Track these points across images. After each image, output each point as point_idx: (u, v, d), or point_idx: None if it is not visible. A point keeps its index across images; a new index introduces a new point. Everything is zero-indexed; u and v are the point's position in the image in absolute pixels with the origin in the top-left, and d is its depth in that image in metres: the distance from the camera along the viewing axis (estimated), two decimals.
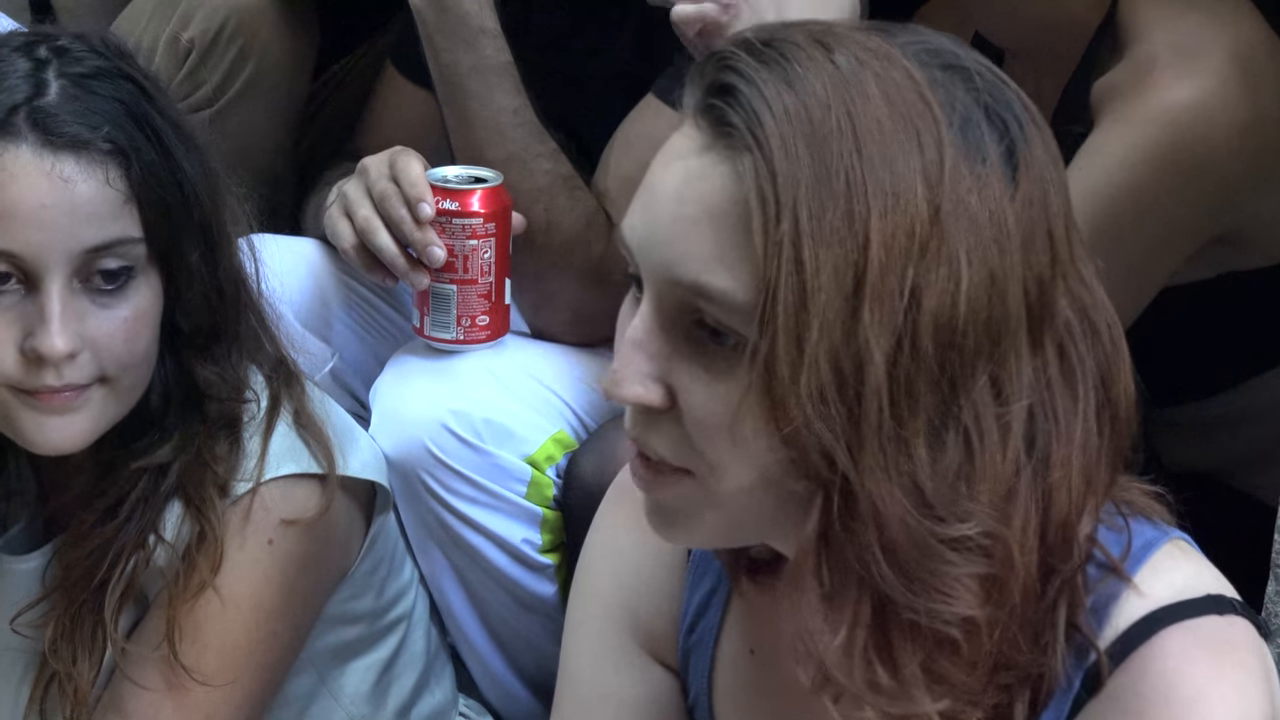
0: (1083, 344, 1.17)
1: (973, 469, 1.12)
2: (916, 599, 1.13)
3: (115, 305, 1.59)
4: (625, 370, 1.17)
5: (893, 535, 1.12)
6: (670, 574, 1.41)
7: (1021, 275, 1.13)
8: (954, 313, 1.10)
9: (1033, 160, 1.15)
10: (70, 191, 1.55)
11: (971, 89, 1.15)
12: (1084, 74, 1.88)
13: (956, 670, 1.15)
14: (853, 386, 1.10)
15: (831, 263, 1.09)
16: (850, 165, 1.10)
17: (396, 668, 1.90)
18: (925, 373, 1.11)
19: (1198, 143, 1.79)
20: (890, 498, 1.11)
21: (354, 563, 1.79)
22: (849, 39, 1.15)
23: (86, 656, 1.66)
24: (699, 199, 1.14)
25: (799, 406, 1.10)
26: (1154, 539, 1.23)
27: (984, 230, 1.11)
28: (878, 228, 1.09)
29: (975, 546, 1.13)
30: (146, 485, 1.66)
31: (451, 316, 1.95)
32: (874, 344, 1.09)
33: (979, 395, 1.12)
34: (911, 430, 1.11)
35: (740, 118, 1.12)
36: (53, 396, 1.57)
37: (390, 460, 1.89)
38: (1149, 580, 1.21)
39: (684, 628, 1.40)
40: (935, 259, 1.10)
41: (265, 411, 1.70)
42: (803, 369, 1.10)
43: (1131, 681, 1.18)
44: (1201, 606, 1.20)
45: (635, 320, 1.17)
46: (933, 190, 1.10)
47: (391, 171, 1.95)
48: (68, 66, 1.59)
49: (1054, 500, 1.15)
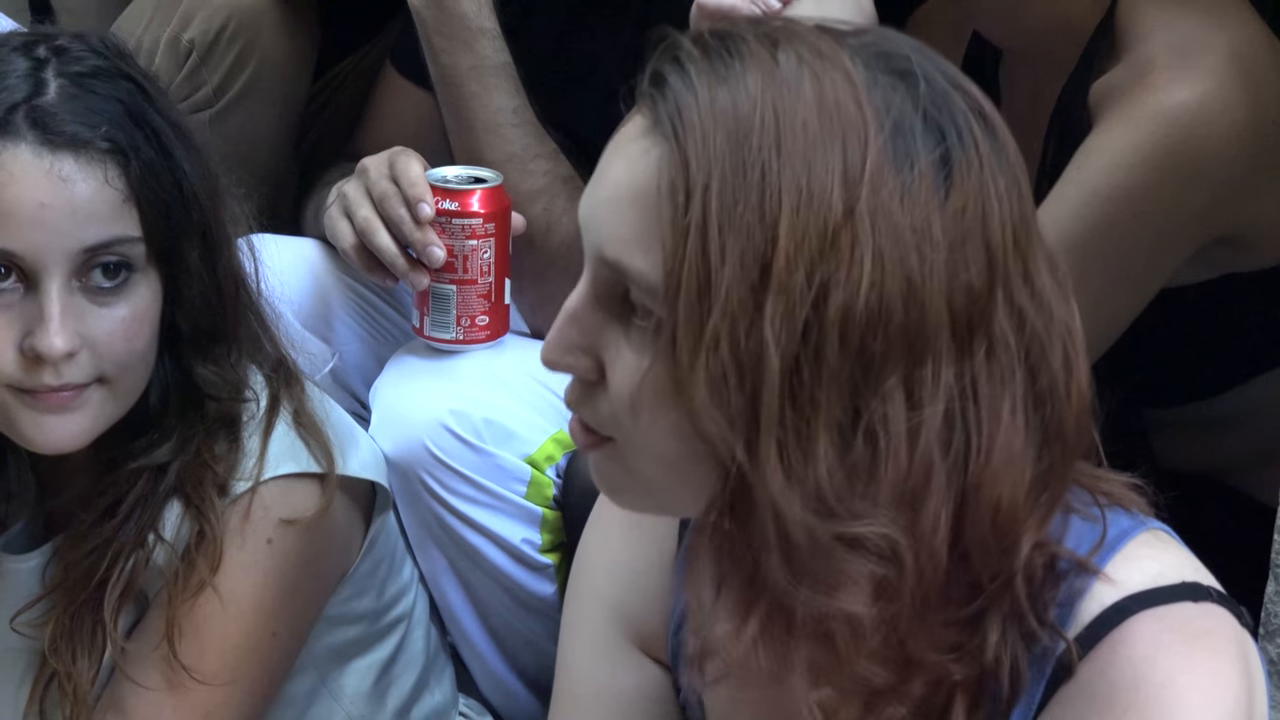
0: (1018, 357, 1.15)
1: (876, 469, 1.12)
2: (803, 590, 1.13)
3: (114, 305, 1.59)
4: (557, 338, 1.21)
5: (785, 527, 1.12)
6: (660, 573, 1.42)
7: (946, 284, 1.12)
8: (863, 314, 1.11)
9: (971, 170, 1.14)
10: (69, 190, 1.55)
11: (914, 95, 1.14)
12: (1082, 75, 1.88)
13: (838, 664, 1.15)
14: (751, 377, 1.11)
15: (738, 252, 1.10)
16: (767, 160, 1.11)
17: (396, 668, 1.90)
18: (830, 370, 1.11)
19: (1196, 144, 1.78)
20: (785, 490, 1.11)
21: (354, 563, 1.79)
22: (800, 38, 1.16)
23: (86, 656, 1.66)
24: (628, 183, 1.16)
25: (697, 389, 1.11)
26: (1130, 528, 1.23)
27: (904, 236, 1.11)
28: (788, 223, 1.10)
29: (870, 546, 1.13)
30: (146, 485, 1.66)
31: (451, 316, 1.95)
32: (774, 338, 1.10)
33: (889, 397, 1.12)
34: (813, 425, 1.11)
35: (665, 108, 1.14)
36: (51, 396, 1.58)
37: (390, 460, 1.90)
38: (1121, 569, 1.21)
39: (674, 625, 1.40)
40: (845, 259, 1.10)
41: (265, 411, 1.70)
42: (701, 354, 1.11)
43: (1101, 668, 1.18)
44: (1176, 593, 1.19)
45: (573, 292, 1.20)
46: (849, 192, 1.11)
47: (391, 172, 1.95)
48: (67, 66, 1.60)
49: (970, 508, 1.15)
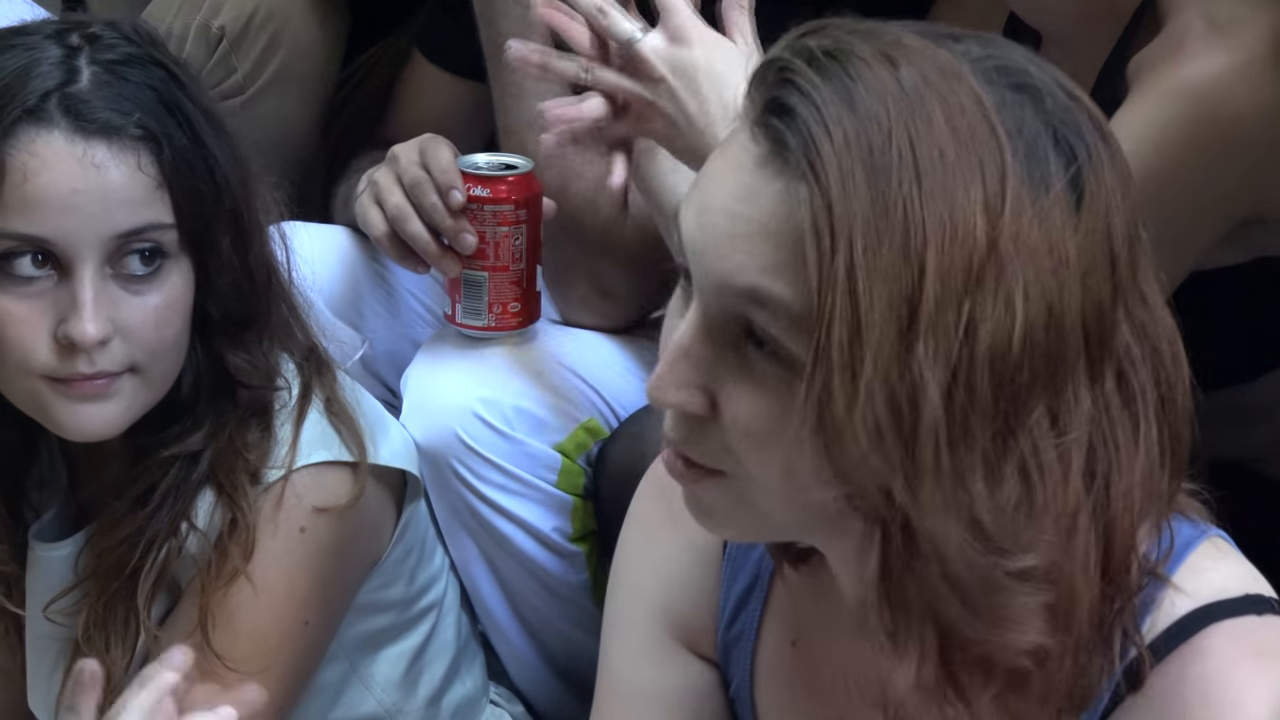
0: (1143, 369, 1.14)
1: (1032, 502, 1.10)
2: (985, 631, 1.11)
3: (147, 292, 1.59)
4: (669, 375, 1.15)
5: (955, 570, 1.10)
6: (706, 569, 1.40)
7: (1080, 306, 1.10)
8: (1010, 347, 1.08)
9: (1099, 187, 1.12)
10: (102, 177, 1.56)
11: (1041, 111, 1.12)
12: (1121, 53, 1.86)
13: (1028, 701, 1.14)
14: (909, 422, 1.08)
15: (886, 296, 1.07)
16: (909, 197, 1.07)
17: (427, 655, 1.90)
18: (981, 407, 1.09)
19: (1224, 118, 1.77)
20: (950, 532, 1.09)
21: (385, 551, 1.80)
22: (917, 54, 1.12)
23: (119, 644, 1.66)
24: (753, 216, 1.11)
25: (855, 442, 1.08)
26: (1192, 538, 1.22)
27: (1043, 262, 1.09)
28: (934, 261, 1.07)
29: (1039, 576, 1.11)
30: (178, 473, 1.66)
31: (483, 303, 1.95)
32: (929, 378, 1.07)
33: (1036, 428, 1.10)
34: (968, 464, 1.09)
35: (797, 142, 1.10)
36: (85, 384, 1.58)
37: (421, 448, 1.89)
38: (1188, 580, 1.20)
39: (723, 622, 1.40)
40: (992, 293, 1.08)
41: (296, 399, 1.70)
42: (858, 404, 1.07)
43: (1171, 683, 1.17)
44: (1241, 606, 1.19)
45: (683, 325, 1.16)
46: (992, 223, 1.08)
47: (422, 159, 1.95)
48: (99, 53, 1.60)
49: (1115, 528, 1.14)
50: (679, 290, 1.19)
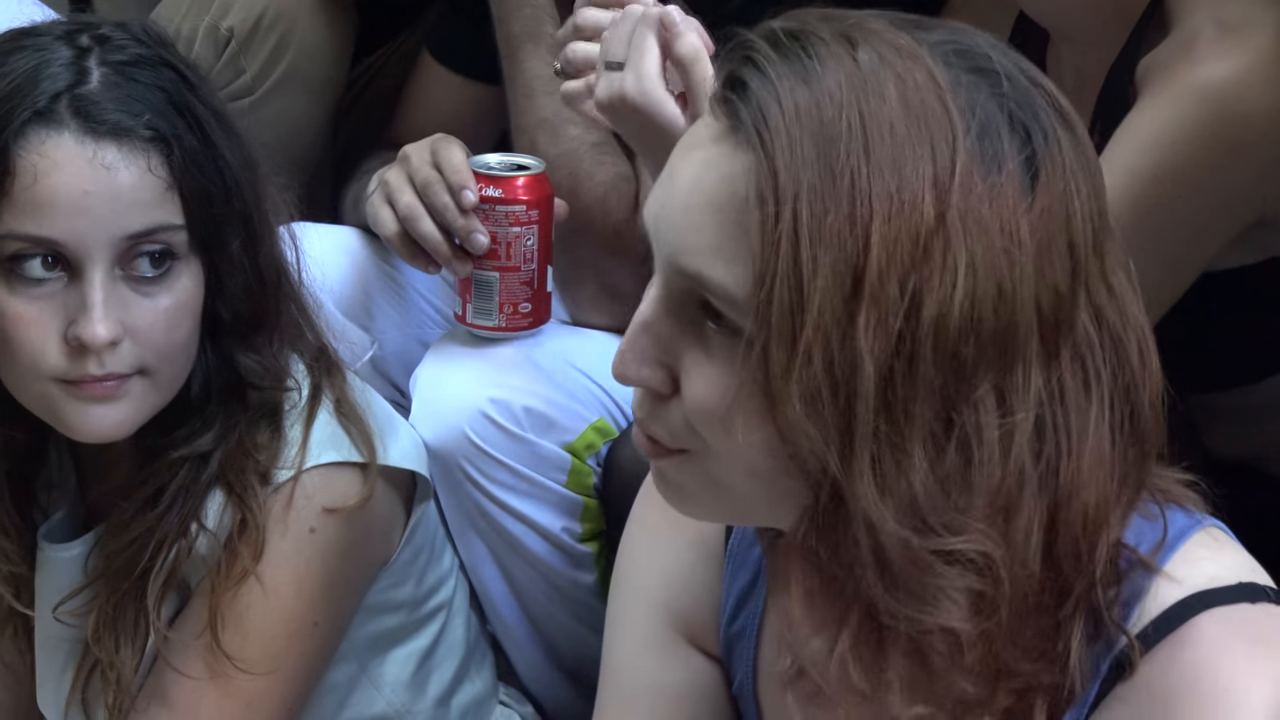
0: (1101, 357, 1.15)
1: (970, 479, 1.11)
2: (900, 606, 1.12)
3: (157, 294, 1.59)
4: (632, 352, 1.18)
5: (882, 542, 1.10)
6: (709, 565, 1.41)
7: (1034, 287, 1.11)
8: (956, 321, 1.09)
9: (1055, 170, 1.13)
10: (112, 178, 1.55)
11: (997, 94, 1.13)
12: (1130, 54, 1.86)
13: (934, 679, 1.14)
14: (845, 389, 1.09)
15: (830, 263, 1.08)
16: (856, 167, 1.09)
17: (437, 656, 1.90)
18: (923, 380, 1.09)
19: (1236, 120, 1.77)
20: (880, 504, 1.10)
21: (394, 551, 1.79)
22: (876, 35, 1.13)
23: (129, 644, 1.66)
24: (705, 190, 1.13)
25: (790, 405, 1.09)
26: (1187, 527, 1.22)
27: (994, 240, 1.10)
28: (879, 231, 1.08)
29: (966, 561, 1.11)
30: (188, 474, 1.66)
31: (494, 304, 1.95)
32: (868, 348, 1.08)
33: (981, 404, 1.11)
34: (907, 436, 1.10)
35: (748, 114, 1.12)
36: (95, 385, 1.58)
37: (430, 448, 1.89)
38: (1180, 568, 1.20)
39: (725, 618, 1.40)
40: (938, 266, 1.09)
41: (306, 400, 1.70)
42: (795, 367, 1.09)
43: (1161, 670, 1.17)
44: (1234, 594, 1.19)
45: (644, 303, 1.18)
46: (940, 197, 1.09)
47: (434, 159, 1.95)
48: (109, 54, 1.60)
49: (1062, 515, 1.14)
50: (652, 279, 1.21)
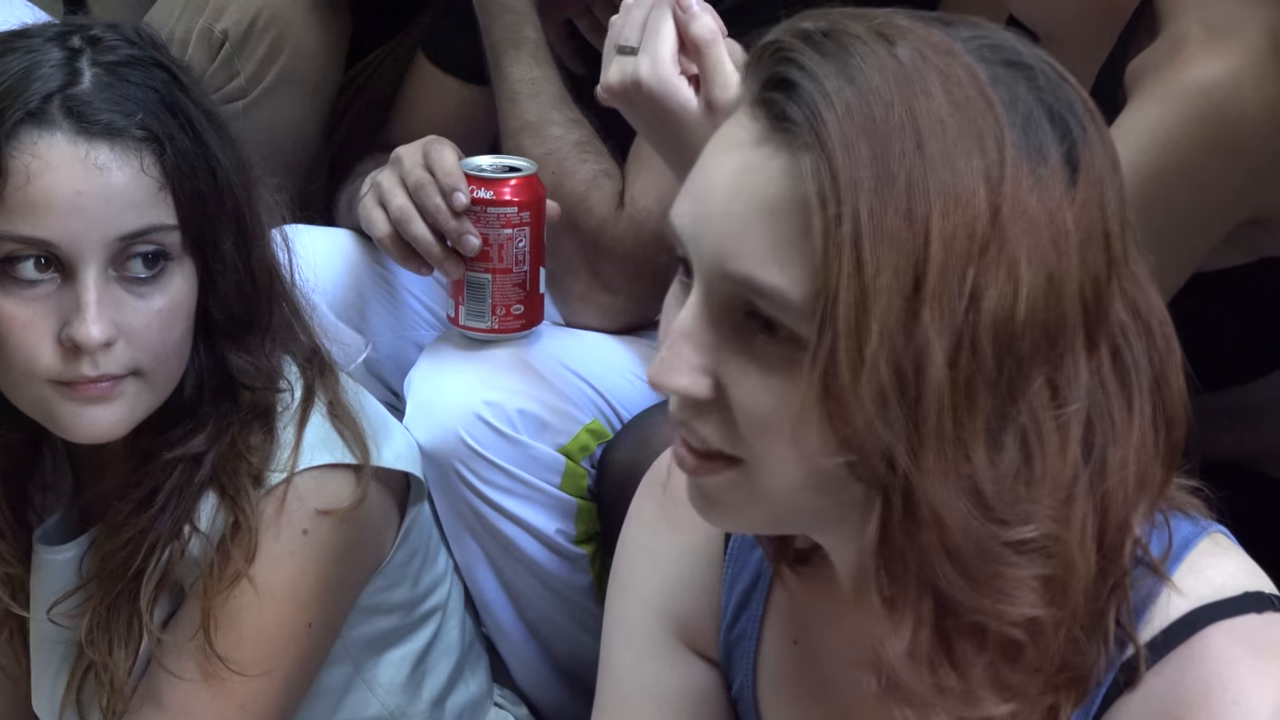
0: (1137, 345, 1.15)
1: (1031, 472, 1.11)
2: (981, 600, 1.11)
3: (150, 295, 1.59)
4: (673, 360, 1.15)
5: (954, 538, 1.10)
6: (708, 569, 1.40)
7: (1079, 277, 1.11)
8: (1013, 314, 1.09)
9: (1092, 161, 1.13)
10: (105, 179, 1.55)
11: (1034, 87, 1.13)
12: (1119, 56, 1.87)
13: (1021, 672, 1.14)
14: (913, 388, 1.09)
15: (891, 264, 1.08)
16: (911, 164, 1.08)
17: (431, 658, 1.90)
18: (984, 374, 1.09)
19: (1228, 120, 1.77)
20: (951, 500, 1.10)
21: (388, 553, 1.79)
22: (910, 32, 1.13)
23: (123, 646, 1.66)
24: (754, 194, 1.12)
25: (860, 409, 1.09)
26: (1192, 535, 1.22)
27: (1042, 231, 1.10)
28: (938, 228, 1.08)
29: (1036, 548, 1.12)
30: (181, 475, 1.65)
31: (486, 306, 1.95)
32: (934, 345, 1.08)
33: (1036, 398, 1.11)
34: (970, 432, 1.10)
35: (801, 113, 1.10)
36: (90, 387, 1.57)
37: (425, 450, 1.89)
38: (1187, 578, 1.20)
39: (725, 622, 1.40)
40: (995, 260, 1.09)
41: (299, 402, 1.70)
42: (863, 371, 1.08)
43: (1170, 682, 1.17)
44: (1240, 604, 1.19)
45: (684, 311, 1.16)
46: (993, 190, 1.09)
47: (426, 160, 1.95)
48: (101, 55, 1.59)
49: (1110, 502, 1.14)
50: (677, 283, 1.19)
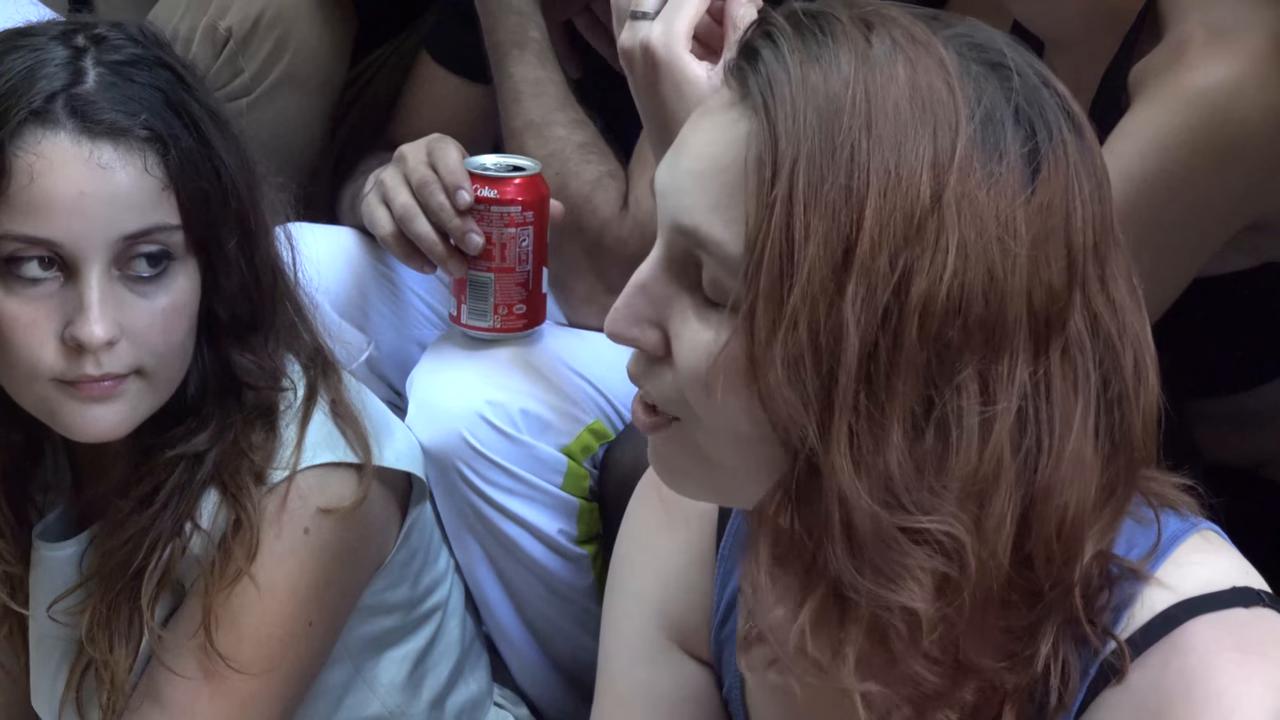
0: (1092, 361, 1.15)
1: (946, 461, 1.11)
2: (864, 581, 1.12)
3: (154, 295, 1.59)
4: (625, 310, 1.19)
5: (853, 515, 1.11)
6: (700, 569, 1.41)
7: (1026, 280, 1.11)
8: (944, 303, 1.10)
9: (1058, 168, 1.13)
10: (109, 178, 1.55)
11: (1006, 88, 1.13)
12: (1123, 61, 1.87)
13: (892, 659, 1.14)
14: (828, 359, 1.10)
15: (823, 232, 1.09)
16: (856, 140, 1.10)
17: (432, 658, 1.90)
18: (907, 357, 1.10)
19: (1230, 124, 1.77)
20: (854, 477, 1.10)
21: (390, 553, 1.79)
22: (893, 22, 1.15)
23: (123, 644, 1.66)
24: (711, 153, 1.15)
25: (773, 368, 1.10)
26: (1180, 531, 1.22)
27: (988, 227, 1.10)
28: (874, 205, 1.09)
29: (934, 542, 1.12)
30: (183, 473, 1.66)
31: (489, 305, 1.95)
32: (854, 320, 1.09)
33: (963, 388, 1.11)
34: (887, 413, 1.10)
35: (756, 81, 1.13)
36: (93, 386, 1.57)
37: (426, 450, 1.89)
38: (1172, 573, 1.20)
39: (716, 621, 1.40)
40: (930, 246, 1.09)
41: (302, 400, 1.70)
42: (780, 331, 1.10)
43: (1152, 676, 1.17)
44: (1226, 599, 1.18)
45: (644, 263, 1.19)
46: (938, 178, 1.10)
47: (430, 159, 1.95)
48: (105, 54, 1.59)
49: (1037, 511, 1.14)
50: None
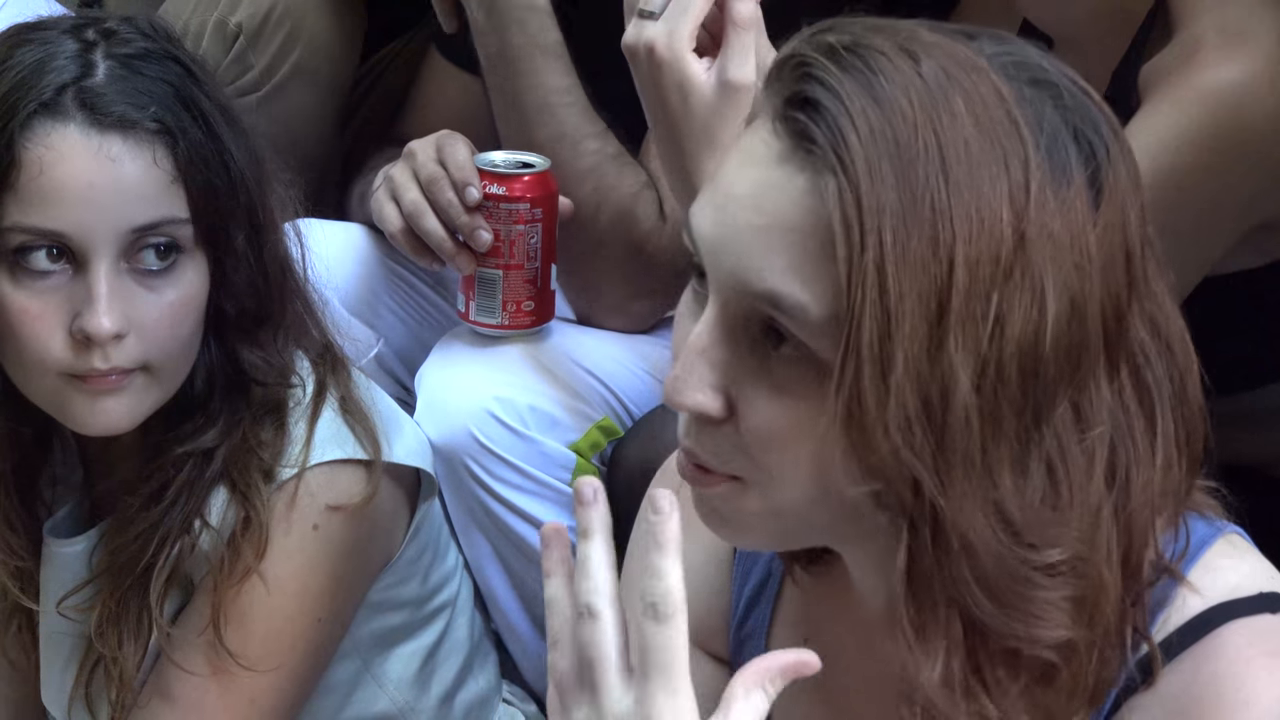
0: (1158, 363, 1.15)
1: (1058, 496, 1.10)
2: (1013, 625, 1.11)
3: (162, 289, 1.59)
4: (688, 377, 1.14)
5: (983, 564, 1.10)
6: (718, 569, 1.40)
7: (1100, 299, 1.11)
8: (1038, 339, 1.08)
9: (1116, 182, 1.12)
10: (117, 170, 1.55)
11: (1060, 107, 1.12)
12: (1133, 60, 1.86)
13: (1056, 694, 1.14)
14: (940, 416, 1.08)
15: (916, 289, 1.06)
16: (936, 189, 1.07)
17: (440, 654, 1.90)
18: (1009, 400, 1.08)
19: (1242, 124, 1.77)
20: (979, 527, 1.09)
21: (398, 549, 1.79)
22: (936, 48, 1.11)
23: (132, 640, 1.66)
24: (777, 211, 1.11)
25: (886, 438, 1.08)
26: (1207, 536, 1.22)
27: (1066, 255, 1.09)
28: (962, 253, 1.07)
29: (1066, 571, 1.11)
30: (192, 470, 1.65)
31: (497, 302, 1.95)
32: (960, 371, 1.07)
33: (1061, 422, 1.10)
34: (997, 459, 1.09)
35: (824, 135, 1.09)
36: (100, 380, 1.57)
37: (435, 446, 1.89)
38: (1203, 578, 1.19)
39: (735, 621, 1.39)
40: (1019, 285, 1.08)
41: (311, 397, 1.70)
42: (889, 400, 1.07)
43: (1183, 681, 1.17)
44: (1255, 604, 1.18)
45: (699, 325, 1.15)
46: (1018, 215, 1.08)
47: (439, 155, 1.95)
48: (115, 48, 1.60)
49: (1135, 521, 1.14)
50: (690, 290, 1.18)
